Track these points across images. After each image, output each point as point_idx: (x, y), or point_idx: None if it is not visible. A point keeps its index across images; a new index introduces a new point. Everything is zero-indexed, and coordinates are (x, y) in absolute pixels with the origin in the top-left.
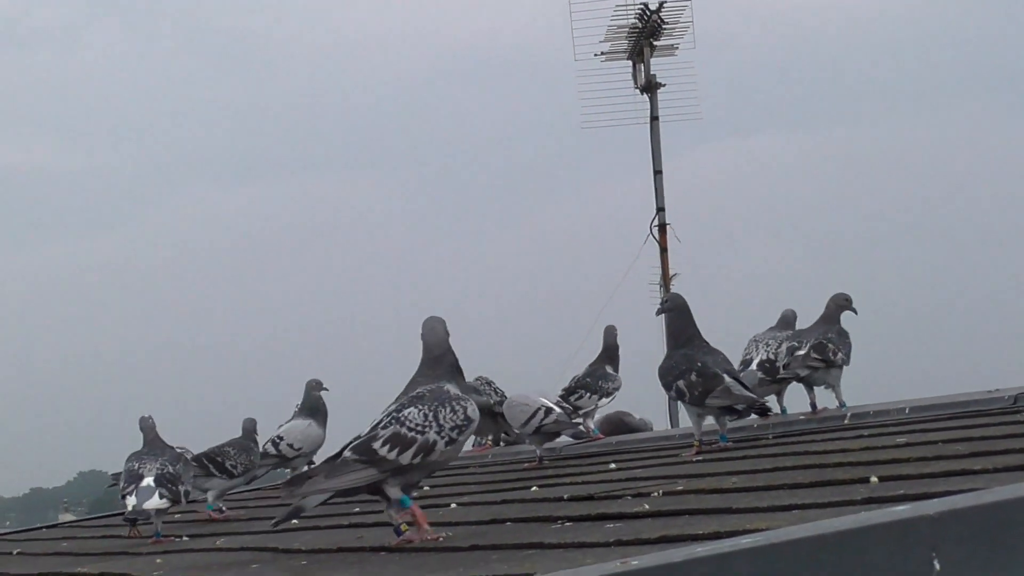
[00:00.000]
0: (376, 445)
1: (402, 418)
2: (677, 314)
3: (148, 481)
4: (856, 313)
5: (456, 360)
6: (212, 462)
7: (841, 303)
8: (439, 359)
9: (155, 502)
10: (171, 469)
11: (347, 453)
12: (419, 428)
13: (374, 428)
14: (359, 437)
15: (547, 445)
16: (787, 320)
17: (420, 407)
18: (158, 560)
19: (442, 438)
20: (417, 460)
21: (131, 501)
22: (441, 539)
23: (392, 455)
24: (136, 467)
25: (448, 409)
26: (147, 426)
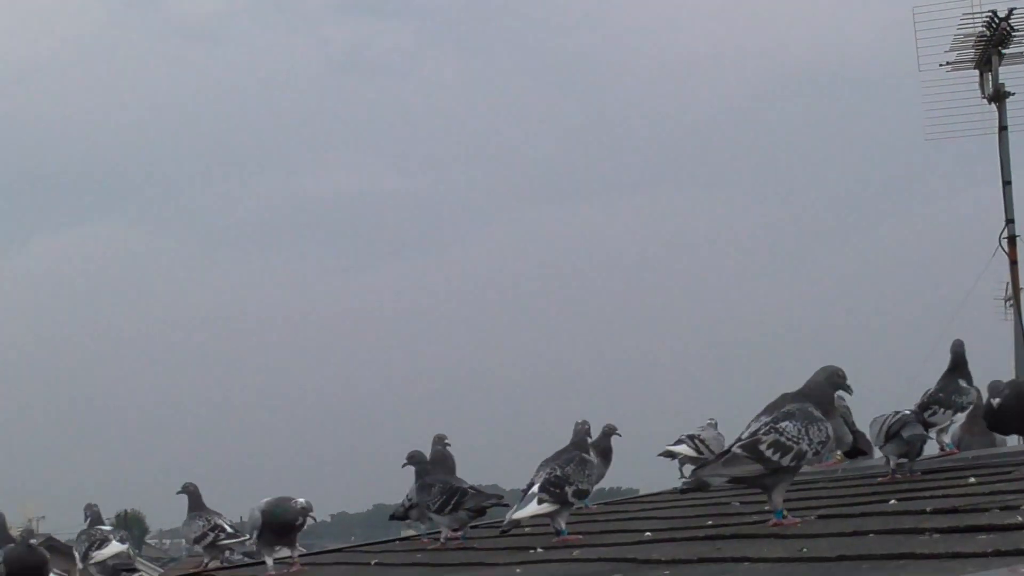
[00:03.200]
0: (762, 447)
1: (780, 428)
2: None
3: (534, 490)
4: None
5: (822, 393)
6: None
7: None
8: (811, 391)
9: (532, 508)
10: (559, 472)
11: (736, 449)
12: (794, 439)
13: (754, 434)
14: (740, 439)
15: (901, 460)
16: None
17: (794, 423)
18: (517, 570)
19: (811, 449)
20: (793, 464)
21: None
22: (799, 523)
23: (775, 457)
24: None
25: (815, 427)
26: None
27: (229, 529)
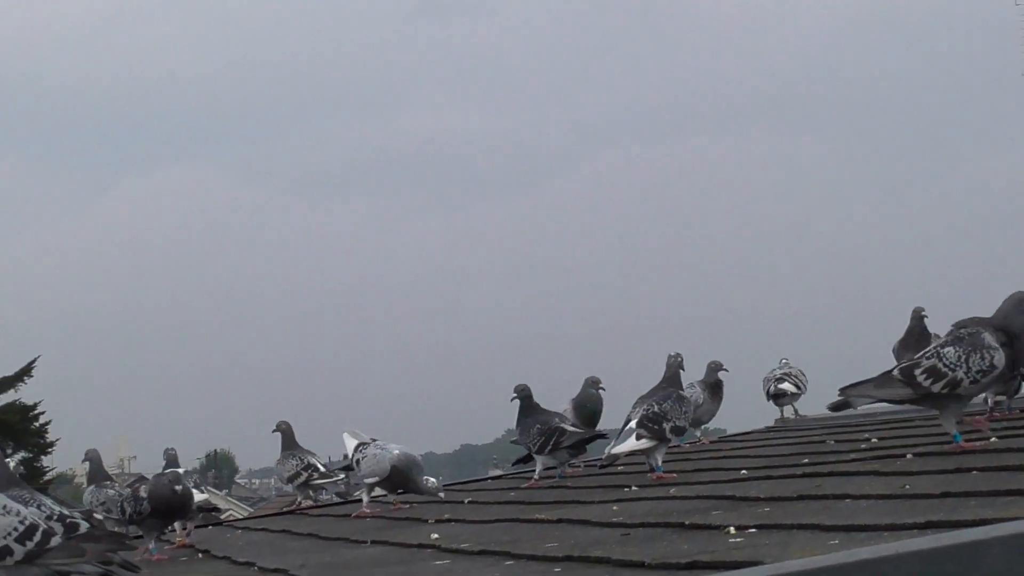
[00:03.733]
0: (916, 371)
1: (942, 353)
2: None
3: (631, 425)
4: None
5: (1008, 320)
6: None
7: None
8: (995, 318)
9: (631, 444)
10: (657, 408)
11: (895, 372)
12: (951, 365)
13: (921, 355)
14: (910, 359)
15: (999, 398)
16: None
17: (957, 348)
18: (614, 507)
19: (968, 378)
20: (945, 391)
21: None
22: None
23: (926, 383)
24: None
25: (978, 355)
26: None
27: (322, 468)
